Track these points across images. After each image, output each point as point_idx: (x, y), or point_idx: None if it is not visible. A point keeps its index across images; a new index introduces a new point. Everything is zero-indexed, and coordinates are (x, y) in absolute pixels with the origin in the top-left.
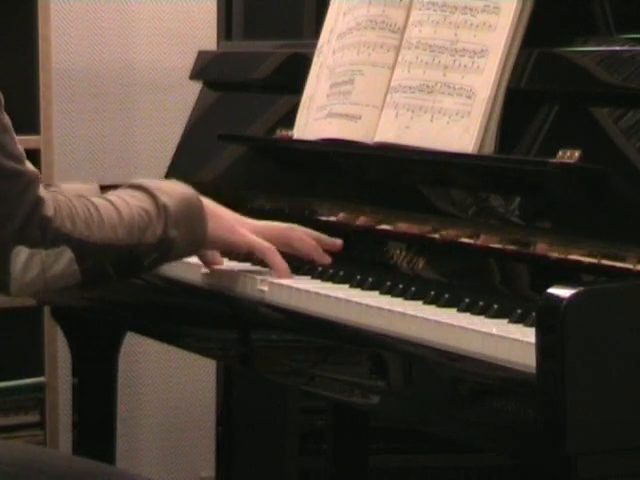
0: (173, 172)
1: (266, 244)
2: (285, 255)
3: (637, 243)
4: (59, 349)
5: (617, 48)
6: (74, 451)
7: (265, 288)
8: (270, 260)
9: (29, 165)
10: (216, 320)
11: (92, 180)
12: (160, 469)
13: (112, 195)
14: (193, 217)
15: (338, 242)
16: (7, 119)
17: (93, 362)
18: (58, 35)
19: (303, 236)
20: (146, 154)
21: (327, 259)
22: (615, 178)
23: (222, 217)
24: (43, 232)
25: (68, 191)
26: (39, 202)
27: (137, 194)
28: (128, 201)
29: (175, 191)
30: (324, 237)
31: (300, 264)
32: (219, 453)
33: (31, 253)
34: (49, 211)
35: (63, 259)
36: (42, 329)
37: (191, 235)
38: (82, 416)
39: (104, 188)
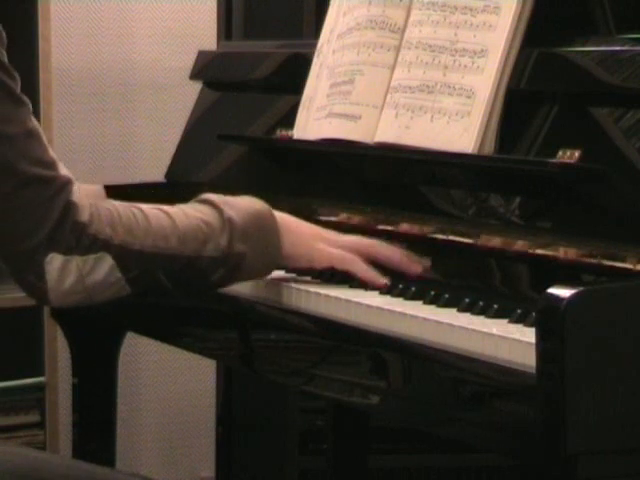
0: (173, 172)
1: (347, 255)
2: None
3: (637, 243)
4: (59, 349)
5: (617, 48)
6: (74, 451)
7: (264, 287)
8: (356, 271)
9: (62, 170)
10: (216, 320)
11: (93, 181)
12: (160, 469)
13: (173, 207)
14: (264, 232)
15: (425, 262)
16: (35, 125)
17: (93, 362)
18: (58, 35)
19: (389, 253)
20: (146, 154)
21: (417, 268)
22: (615, 178)
23: (299, 233)
24: (77, 238)
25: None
26: (70, 207)
27: (201, 207)
28: (188, 212)
29: (244, 205)
30: (412, 256)
31: None
32: (219, 453)
33: (65, 260)
34: (83, 216)
35: (103, 266)
36: (42, 329)
37: (263, 250)
38: (82, 416)
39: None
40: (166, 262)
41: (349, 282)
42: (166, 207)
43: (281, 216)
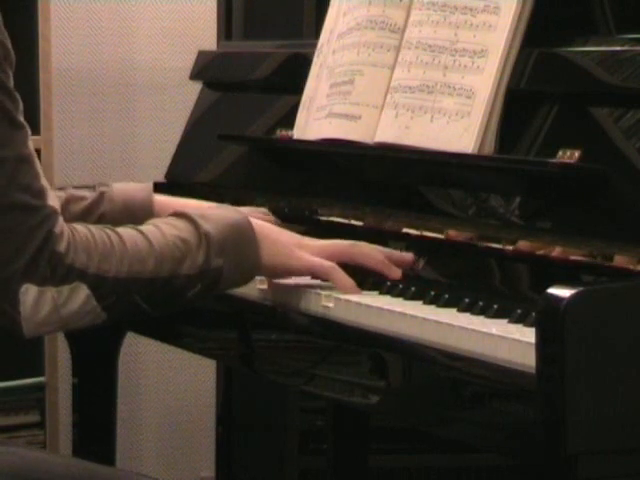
0: (173, 172)
1: (326, 263)
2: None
3: (637, 243)
4: (59, 349)
5: (617, 48)
6: (74, 451)
7: (264, 287)
8: (333, 279)
9: (50, 200)
10: (216, 320)
11: (93, 180)
12: (160, 469)
13: (148, 224)
14: (242, 244)
15: (408, 256)
16: (30, 151)
17: (93, 362)
18: (58, 35)
19: (367, 251)
20: (146, 154)
21: (397, 273)
22: (615, 178)
23: (277, 241)
24: (53, 268)
25: (119, 192)
26: (50, 237)
27: (178, 222)
28: (164, 231)
29: (221, 218)
30: (394, 252)
31: None
32: (219, 453)
33: (40, 291)
34: (61, 246)
35: (78, 296)
36: None
37: (241, 262)
38: (82, 416)
39: None
40: (143, 286)
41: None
42: (142, 226)
43: (259, 224)
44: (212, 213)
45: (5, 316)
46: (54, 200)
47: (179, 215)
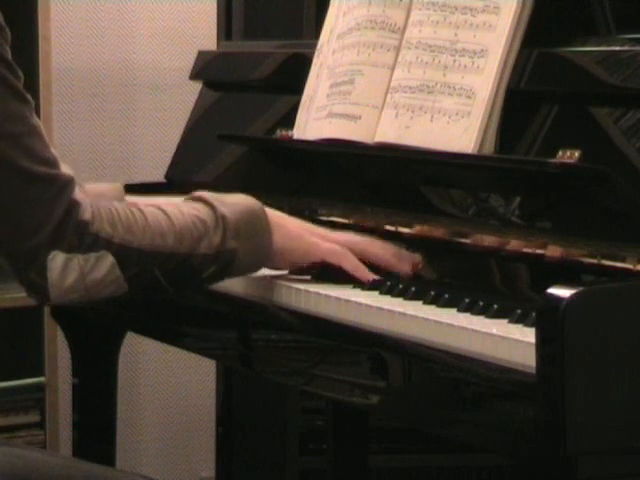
0: (173, 172)
1: (339, 249)
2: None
3: (637, 243)
4: (59, 349)
5: (617, 48)
6: (74, 451)
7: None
8: (345, 265)
9: (64, 168)
10: (216, 320)
11: (93, 180)
12: (160, 469)
13: (167, 204)
14: (256, 228)
15: (417, 257)
16: (38, 123)
17: (93, 362)
18: (58, 35)
19: (379, 251)
20: (146, 154)
21: (406, 269)
22: (615, 178)
23: (290, 228)
24: (80, 236)
25: (91, 191)
26: (74, 206)
27: (195, 204)
28: (183, 210)
29: (236, 203)
30: (403, 252)
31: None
32: (219, 453)
33: (67, 258)
34: (85, 215)
35: (104, 264)
36: (42, 329)
37: (254, 247)
38: (82, 416)
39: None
40: (163, 260)
41: (350, 282)
42: (163, 205)
43: (273, 212)
44: (227, 198)
45: (33, 284)
46: (66, 167)
47: (196, 198)
